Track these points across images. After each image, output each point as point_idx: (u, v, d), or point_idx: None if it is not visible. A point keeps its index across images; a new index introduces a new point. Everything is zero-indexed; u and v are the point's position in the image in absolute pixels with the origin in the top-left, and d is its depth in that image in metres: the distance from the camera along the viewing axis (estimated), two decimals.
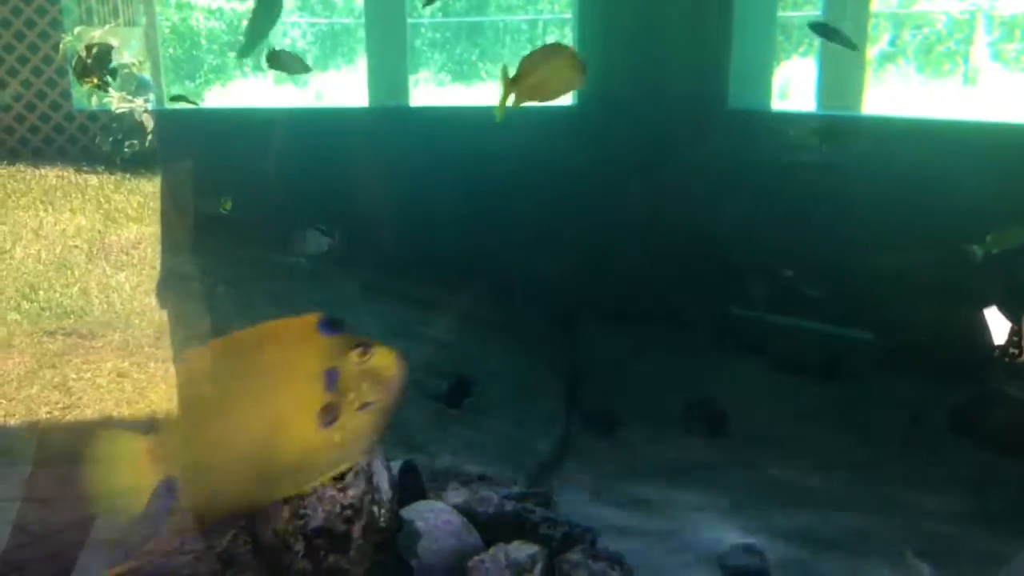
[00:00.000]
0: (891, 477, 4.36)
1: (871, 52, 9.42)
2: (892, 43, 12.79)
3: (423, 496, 3.38)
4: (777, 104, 7.69)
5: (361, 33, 10.98)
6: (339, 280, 5.82)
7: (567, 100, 7.47)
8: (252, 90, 14.30)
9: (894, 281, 5.39)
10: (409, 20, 9.69)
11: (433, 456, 4.01)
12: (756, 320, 5.96)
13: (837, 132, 5.63)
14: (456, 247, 6.25)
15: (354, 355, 1.48)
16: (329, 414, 1.47)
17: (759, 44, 7.01)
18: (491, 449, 4.35)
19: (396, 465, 3.26)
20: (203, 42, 14.37)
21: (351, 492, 2.87)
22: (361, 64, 12.02)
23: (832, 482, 4.31)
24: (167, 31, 13.51)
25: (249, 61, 14.96)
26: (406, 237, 6.25)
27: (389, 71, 8.34)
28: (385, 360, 1.50)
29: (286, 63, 5.01)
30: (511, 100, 2.87)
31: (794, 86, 10.66)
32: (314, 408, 1.46)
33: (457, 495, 3.38)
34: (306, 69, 5.09)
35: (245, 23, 6.80)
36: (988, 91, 12.36)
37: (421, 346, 5.35)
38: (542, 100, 2.91)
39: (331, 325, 1.48)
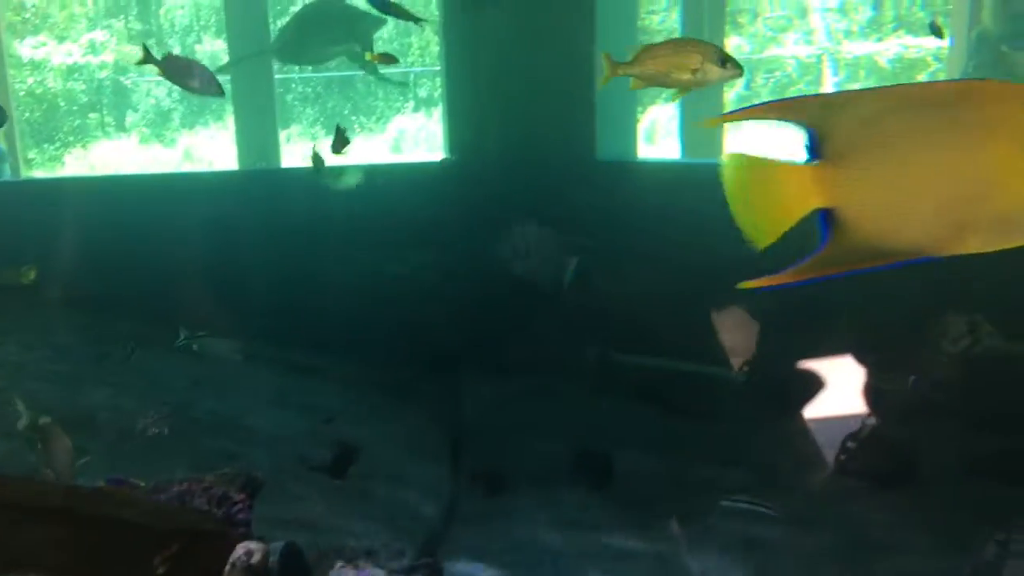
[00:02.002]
0: (784, 521, 4.48)
1: (729, 96, 9.89)
2: (747, 87, 13.45)
3: None
4: (644, 152, 7.96)
5: (228, 88, 10.81)
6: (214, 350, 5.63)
7: (438, 155, 7.52)
8: (115, 151, 13.84)
9: (760, 321, 5.60)
10: (278, 76, 9.59)
11: (318, 533, 3.90)
12: (636, 364, 6.08)
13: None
14: (336, 309, 6.16)
15: None
16: None
17: (621, 94, 7.22)
18: (379, 519, 4.28)
19: (277, 547, 3.15)
20: (62, 104, 13.84)
21: None
22: (230, 121, 11.83)
23: (719, 527, 4.41)
24: (22, 94, 12.96)
25: (112, 121, 14.47)
26: (283, 302, 6.12)
27: (258, 128, 8.21)
28: None
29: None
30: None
31: (658, 133, 11.08)
32: None
33: (343, 575, 3.29)
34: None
35: None
36: None
37: (303, 415, 5.24)
38: (666, 87, 3.10)
39: None
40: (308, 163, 5.55)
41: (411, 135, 14.01)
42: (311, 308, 6.06)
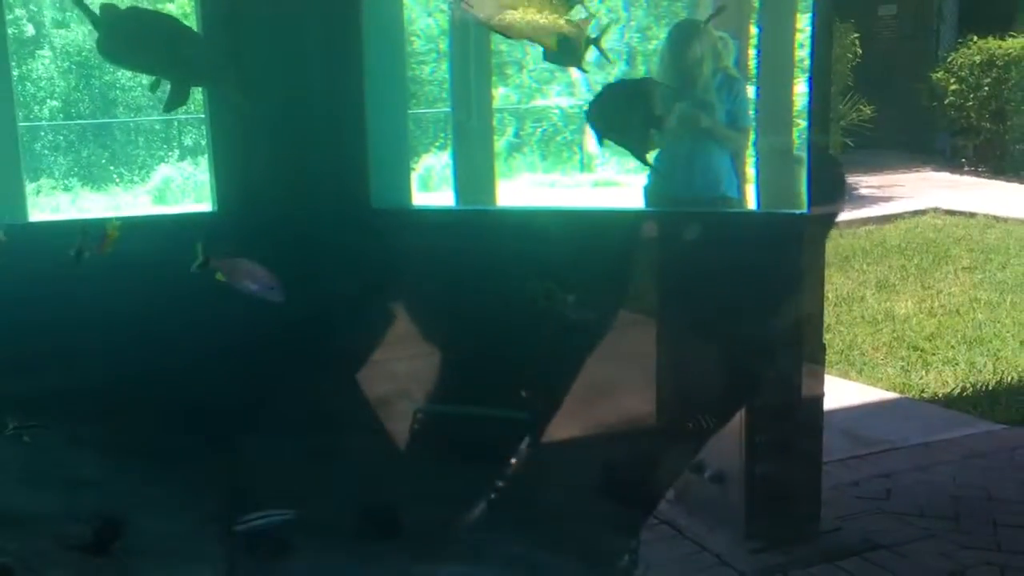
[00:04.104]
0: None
1: (499, 143, 10.26)
2: (516, 135, 14.04)
3: None
4: (420, 199, 8.04)
5: None
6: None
7: (207, 206, 7.23)
8: None
9: (536, 359, 5.79)
10: (23, 124, 8.89)
11: None
12: (420, 412, 6.08)
13: None
14: (98, 374, 5.73)
15: None
16: None
17: (394, 142, 7.28)
18: None
19: None
20: None
21: None
22: None
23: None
24: None
25: None
26: (37, 369, 5.61)
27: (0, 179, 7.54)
28: None
29: None
30: None
31: (434, 180, 11.30)
32: None
33: None
34: None
35: None
36: (601, 175, 14.05)
37: (61, 491, 4.82)
38: None
39: None
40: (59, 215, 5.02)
41: (177, 185, 13.40)
42: (61, 372, 5.60)
